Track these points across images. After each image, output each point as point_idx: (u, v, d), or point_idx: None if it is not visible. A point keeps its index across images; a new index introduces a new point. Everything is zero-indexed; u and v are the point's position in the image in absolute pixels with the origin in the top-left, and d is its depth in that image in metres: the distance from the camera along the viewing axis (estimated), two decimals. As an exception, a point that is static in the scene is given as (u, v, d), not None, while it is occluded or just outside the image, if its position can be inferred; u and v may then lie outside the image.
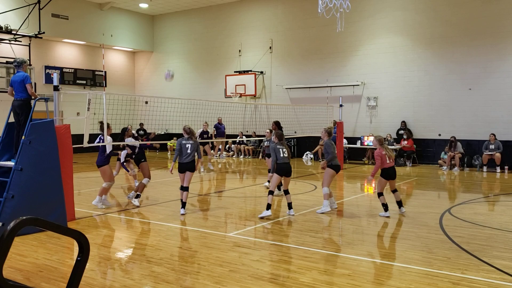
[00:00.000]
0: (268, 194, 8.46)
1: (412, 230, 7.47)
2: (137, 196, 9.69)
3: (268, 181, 12.27)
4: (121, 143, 9.92)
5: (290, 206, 8.69)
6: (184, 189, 8.74)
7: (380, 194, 8.51)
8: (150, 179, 9.90)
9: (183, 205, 8.76)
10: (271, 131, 12.32)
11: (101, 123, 9.33)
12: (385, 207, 8.48)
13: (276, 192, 10.86)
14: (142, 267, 5.67)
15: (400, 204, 8.70)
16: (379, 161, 8.37)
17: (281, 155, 8.54)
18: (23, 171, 7.26)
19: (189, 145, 8.78)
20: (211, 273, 5.42)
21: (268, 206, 8.40)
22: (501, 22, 16.49)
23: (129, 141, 9.98)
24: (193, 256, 6.08)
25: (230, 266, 5.68)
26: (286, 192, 8.78)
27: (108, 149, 9.30)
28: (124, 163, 11.28)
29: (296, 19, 21.02)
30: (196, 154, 8.90)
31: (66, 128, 8.24)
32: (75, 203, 8.53)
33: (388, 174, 8.44)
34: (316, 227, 7.77)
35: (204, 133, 16.47)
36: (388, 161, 8.40)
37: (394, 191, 8.67)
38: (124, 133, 10.01)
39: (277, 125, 11.55)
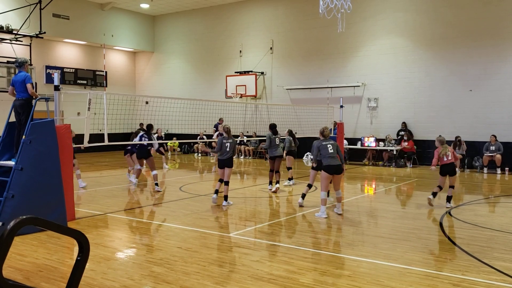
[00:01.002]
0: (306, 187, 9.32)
1: (412, 231, 7.46)
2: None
3: (290, 179, 12.69)
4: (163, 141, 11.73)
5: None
6: (225, 183, 9.63)
7: (439, 188, 9.39)
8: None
9: (216, 192, 9.73)
10: (290, 131, 12.56)
11: (142, 124, 11.02)
12: (448, 199, 9.46)
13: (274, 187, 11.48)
14: (142, 267, 5.67)
15: (449, 199, 9.46)
16: (436, 157, 9.35)
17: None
18: (24, 170, 7.26)
19: (228, 144, 9.58)
20: (211, 273, 5.41)
21: (303, 196, 9.52)
22: (501, 24, 16.49)
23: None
24: (193, 257, 6.07)
25: (230, 266, 5.67)
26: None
27: (156, 146, 11.96)
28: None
29: (297, 20, 21.02)
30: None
31: (67, 128, 8.25)
32: (75, 203, 8.53)
33: (444, 171, 9.30)
34: (317, 228, 7.76)
35: (220, 134, 16.01)
36: (445, 159, 9.26)
37: (451, 186, 9.45)
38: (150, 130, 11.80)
39: (272, 128, 12.03)
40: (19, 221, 2.42)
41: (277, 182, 11.62)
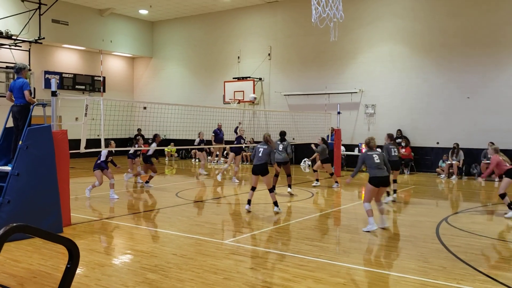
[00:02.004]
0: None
1: (408, 239, 7.45)
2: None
3: (317, 179, 13.03)
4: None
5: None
6: (269, 190, 9.58)
7: (503, 195, 9.22)
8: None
9: (249, 202, 9.66)
10: (323, 139, 12.90)
11: (140, 130, 11.53)
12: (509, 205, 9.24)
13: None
14: (136, 274, 5.65)
15: (510, 205, 9.27)
16: (493, 166, 9.39)
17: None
18: (20, 176, 7.25)
19: (262, 150, 9.52)
20: (206, 280, 5.40)
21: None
22: (499, 32, 16.56)
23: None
24: (188, 264, 6.06)
25: (225, 273, 5.65)
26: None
27: (151, 151, 13.06)
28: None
29: (295, 26, 21.10)
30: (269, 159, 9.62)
31: (63, 133, 8.24)
32: (71, 208, 8.51)
33: (510, 174, 9.23)
34: (312, 235, 7.75)
35: (240, 138, 15.49)
36: (506, 165, 9.25)
37: None
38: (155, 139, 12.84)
39: (281, 135, 12.40)
40: (8, 229, 2.41)
41: (289, 186, 12.06)
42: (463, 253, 6.59)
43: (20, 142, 7.46)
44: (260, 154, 9.48)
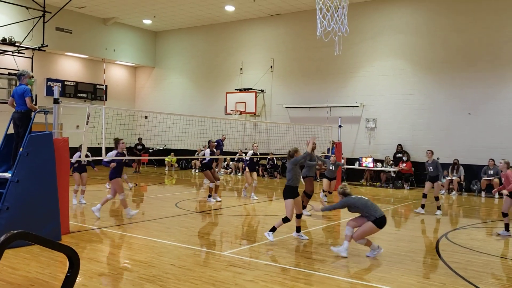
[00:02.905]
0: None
1: (408, 254, 7.40)
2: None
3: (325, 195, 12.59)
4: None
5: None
6: (296, 216, 8.24)
7: (504, 214, 9.12)
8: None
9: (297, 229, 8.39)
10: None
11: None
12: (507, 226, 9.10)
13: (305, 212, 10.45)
14: (134, 284, 5.61)
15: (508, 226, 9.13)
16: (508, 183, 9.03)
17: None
18: (20, 183, 7.24)
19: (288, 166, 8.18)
20: (204, 292, 5.35)
21: None
22: (501, 49, 16.65)
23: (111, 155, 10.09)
24: (186, 275, 6.02)
25: (223, 285, 5.61)
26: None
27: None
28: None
29: (298, 39, 21.22)
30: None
31: (64, 141, 8.24)
32: (70, 216, 8.48)
33: None
34: (311, 248, 7.71)
35: (254, 154, 14.74)
36: None
37: None
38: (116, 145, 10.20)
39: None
40: (10, 235, 2.40)
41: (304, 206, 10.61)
42: (463, 269, 6.56)
43: (21, 149, 7.45)
44: (288, 171, 8.17)
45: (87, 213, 10.50)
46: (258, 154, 15.19)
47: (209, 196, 12.75)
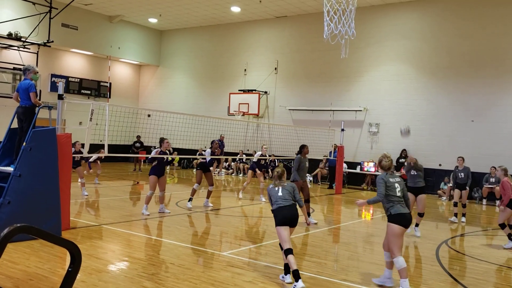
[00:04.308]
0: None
1: (407, 260, 7.39)
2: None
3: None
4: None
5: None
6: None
7: (503, 226, 8.75)
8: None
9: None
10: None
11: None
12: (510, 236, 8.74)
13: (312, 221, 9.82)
14: (133, 282, 5.61)
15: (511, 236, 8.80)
16: (509, 191, 8.55)
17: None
18: (22, 177, 7.25)
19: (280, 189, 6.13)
20: (203, 291, 5.35)
21: None
22: (506, 55, 16.63)
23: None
24: (185, 274, 6.02)
25: (222, 285, 5.61)
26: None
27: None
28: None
29: (302, 42, 21.23)
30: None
31: (67, 137, 8.26)
32: (71, 212, 8.49)
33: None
34: (312, 251, 7.70)
35: (262, 156, 14.46)
36: None
37: None
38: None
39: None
40: (13, 229, 2.40)
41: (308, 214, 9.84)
42: (463, 277, 6.54)
43: (24, 144, 7.47)
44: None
45: (88, 209, 10.51)
46: (267, 156, 15.13)
47: (190, 200, 11.45)
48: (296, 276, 5.45)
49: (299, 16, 21.33)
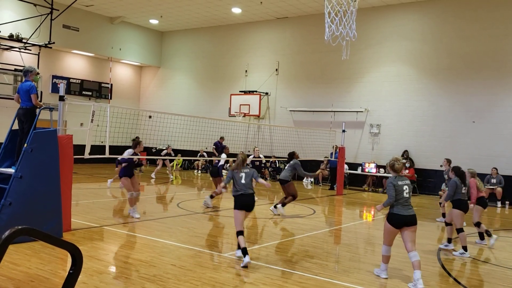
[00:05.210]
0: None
1: (408, 261, 7.36)
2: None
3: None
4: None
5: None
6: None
7: (479, 224, 9.03)
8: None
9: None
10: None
11: (138, 138, 9.95)
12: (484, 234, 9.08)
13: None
14: (134, 283, 5.61)
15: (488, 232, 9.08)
16: (474, 189, 8.94)
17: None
18: (23, 178, 7.26)
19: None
20: (204, 293, 5.35)
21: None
22: (507, 57, 16.62)
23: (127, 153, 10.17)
24: (187, 275, 6.02)
25: (223, 287, 5.61)
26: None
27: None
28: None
29: (304, 43, 21.23)
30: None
31: (69, 138, 8.26)
32: (72, 213, 8.50)
33: (484, 202, 9.04)
34: (313, 253, 7.70)
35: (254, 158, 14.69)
36: (481, 191, 9.05)
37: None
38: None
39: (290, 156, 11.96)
40: (15, 231, 2.40)
41: (282, 203, 11.20)
42: (464, 278, 6.53)
43: (25, 145, 7.48)
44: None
45: (90, 210, 10.51)
46: (261, 157, 15.14)
47: (211, 196, 11.85)
48: (244, 252, 6.55)
49: (300, 18, 21.33)
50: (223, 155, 12.76)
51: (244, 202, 6.90)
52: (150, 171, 20.28)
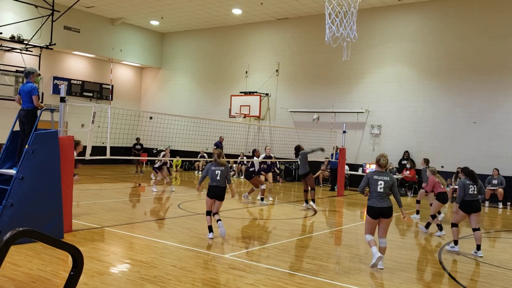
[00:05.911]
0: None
1: (410, 263, 7.38)
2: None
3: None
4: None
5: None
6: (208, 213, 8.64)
7: (434, 216, 9.88)
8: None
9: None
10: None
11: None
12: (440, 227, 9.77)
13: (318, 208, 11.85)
14: (135, 284, 5.62)
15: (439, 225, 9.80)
16: (430, 187, 9.95)
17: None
18: (24, 180, 7.27)
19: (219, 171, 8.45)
20: (205, 294, 5.35)
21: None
22: (507, 58, 16.62)
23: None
24: (187, 276, 6.02)
25: (224, 288, 5.61)
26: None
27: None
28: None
29: (304, 44, 21.25)
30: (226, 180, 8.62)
31: (70, 139, 8.27)
32: (73, 214, 8.51)
33: (444, 198, 9.88)
34: (313, 253, 7.70)
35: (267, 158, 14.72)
36: (441, 187, 9.89)
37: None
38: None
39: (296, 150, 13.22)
40: (16, 232, 2.41)
41: (313, 200, 12.30)
42: (465, 279, 6.53)
43: (26, 146, 7.49)
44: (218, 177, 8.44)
45: (90, 211, 10.53)
46: (273, 156, 15.23)
47: (262, 199, 13.13)
48: (210, 229, 8.31)
49: (301, 18, 21.35)
50: (255, 159, 13.55)
51: (215, 193, 8.44)
52: (150, 172, 20.24)
